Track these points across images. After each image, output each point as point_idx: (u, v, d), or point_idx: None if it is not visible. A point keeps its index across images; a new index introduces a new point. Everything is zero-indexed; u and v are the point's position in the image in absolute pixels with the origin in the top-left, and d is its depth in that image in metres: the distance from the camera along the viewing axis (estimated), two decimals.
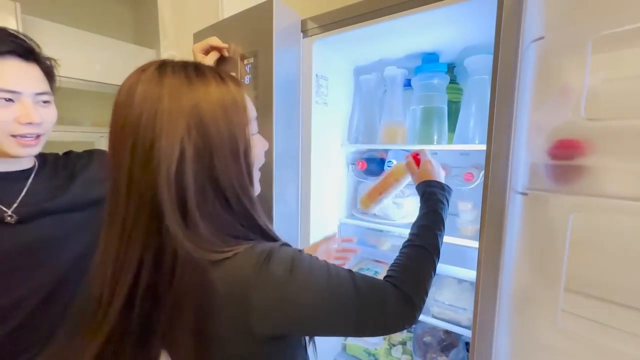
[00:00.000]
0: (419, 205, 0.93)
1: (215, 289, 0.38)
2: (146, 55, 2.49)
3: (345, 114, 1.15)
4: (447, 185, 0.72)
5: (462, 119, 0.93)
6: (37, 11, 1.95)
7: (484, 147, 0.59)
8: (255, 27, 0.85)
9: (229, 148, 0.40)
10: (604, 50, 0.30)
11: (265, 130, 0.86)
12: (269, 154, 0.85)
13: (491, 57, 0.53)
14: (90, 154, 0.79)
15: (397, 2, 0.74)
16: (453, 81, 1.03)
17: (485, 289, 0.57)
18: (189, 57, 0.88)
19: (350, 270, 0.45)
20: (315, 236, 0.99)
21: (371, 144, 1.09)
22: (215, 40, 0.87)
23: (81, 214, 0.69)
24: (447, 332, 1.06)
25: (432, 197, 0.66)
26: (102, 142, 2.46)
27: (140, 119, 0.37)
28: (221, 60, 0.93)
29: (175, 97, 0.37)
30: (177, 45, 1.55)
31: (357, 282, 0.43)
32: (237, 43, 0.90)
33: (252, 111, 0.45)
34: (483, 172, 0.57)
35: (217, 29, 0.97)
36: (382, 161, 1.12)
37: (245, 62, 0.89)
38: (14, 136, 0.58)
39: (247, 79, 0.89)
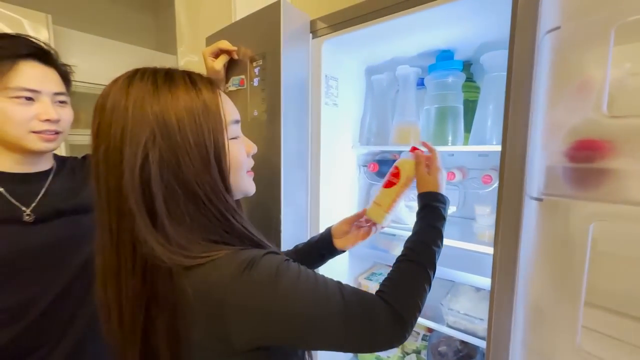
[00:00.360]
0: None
1: (187, 295, 0.37)
2: (167, 61, 2.57)
3: (357, 114, 1.13)
4: (448, 199, 0.67)
5: (478, 118, 0.88)
6: (66, 22, 2.06)
7: (500, 148, 0.55)
8: (263, 29, 0.85)
9: (198, 153, 0.40)
10: (629, 39, 0.27)
11: (274, 131, 0.85)
12: (276, 155, 0.85)
13: (507, 52, 0.50)
14: None
15: None
16: (469, 79, 0.98)
17: (500, 299, 0.53)
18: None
19: (340, 283, 0.44)
20: None
21: (383, 146, 1.06)
22: (224, 44, 0.88)
23: (94, 215, 0.72)
24: (463, 342, 1.01)
25: (435, 212, 0.62)
26: None
27: (110, 128, 0.39)
28: (231, 63, 0.94)
29: (139, 106, 0.39)
30: (193, 50, 1.59)
31: (346, 296, 0.42)
32: (247, 45, 0.91)
33: (231, 115, 0.45)
34: None
35: (228, 32, 0.98)
36: (394, 162, 1.09)
37: (255, 64, 0.89)
38: (34, 132, 0.61)
39: (256, 81, 0.89)
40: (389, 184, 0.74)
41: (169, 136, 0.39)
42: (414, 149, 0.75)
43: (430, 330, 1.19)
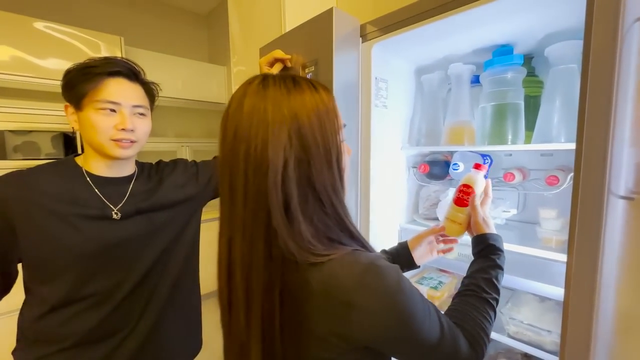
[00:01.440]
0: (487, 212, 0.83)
1: (313, 289, 0.40)
2: (218, 72, 2.77)
3: (406, 115, 1.12)
4: (501, 237, 0.67)
5: (543, 115, 0.82)
6: (135, 42, 2.32)
7: (572, 146, 0.51)
8: (315, 37, 0.89)
9: (324, 155, 0.43)
10: None
11: None
12: None
13: (579, 42, 0.46)
14: (175, 163, 0.91)
15: None
16: (531, 73, 0.92)
17: (576, 311, 0.49)
18: (256, 71, 0.96)
19: (437, 309, 0.47)
20: (373, 242, 0.97)
21: (434, 146, 1.04)
22: (278, 53, 0.93)
23: (167, 212, 0.81)
24: (526, 355, 0.94)
25: (496, 259, 0.63)
26: (182, 151, 2.80)
27: (250, 129, 0.41)
28: (285, 70, 0.99)
29: (277, 108, 0.41)
30: (244, 60, 1.69)
31: (444, 326, 0.45)
32: (299, 53, 0.95)
33: (341, 119, 0.48)
34: (571, 174, 0.50)
35: (281, 42, 1.03)
36: (446, 164, 1.05)
37: (307, 70, 0.92)
38: (113, 140, 0.70)
39: None
40: (461, 202, 0.74)
41: (301, 137, 0.41)
42: (477, 165, 0.75)
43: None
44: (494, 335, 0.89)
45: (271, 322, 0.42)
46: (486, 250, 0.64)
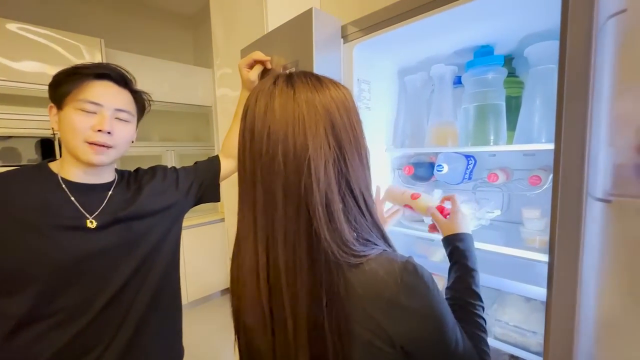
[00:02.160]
0: (472, 212, 0.85)
1: (356, 291, 0.39)
2: (204, 74, 2.73)
3: (390, 117, 1.11)
4: (470, 236, 0.68)
5: (524, 115, 0.82)
6: (117, 44, 2.26)
7: (551, 146, 0.51)
8: (295, 37, 0.87)
9: (356, 151, 0.42)
10: None
11: None
12: None
13: (557, 43, 0.46)
14: (154, 170, 0.87)
15: None
16: (512, 74, 0.92)
17: (558, 312, 0.48)
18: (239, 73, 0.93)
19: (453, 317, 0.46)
20: None
21: (418, 147, 1.03)
22: (258, 55, 0.91)
23: (146, 221, 0.77)
24: (513, 357, 0.94)
25: (466, 254, 0.63)
26: (168, 155, 2.74)
27: (287, 128, 0.39)
28: (265, 72, 0.97)
29: (311, 105, 0.40)
30: (228, 62, 1.66)
31: (458, 335, 0.45)
32: (280, 54, 0.93)
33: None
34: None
35: (261, 43, 1.01)
36: (431, 165, 1.05)
37: (287, 72, 0.91)
38: (88, 143, 0.66)
39: None
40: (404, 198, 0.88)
41: (336, 134, 0.40)
42: (440, 208, 0.78)
43: None
44: None
45: (319, 330, 0.40)
46: (455, 255, 0.65)
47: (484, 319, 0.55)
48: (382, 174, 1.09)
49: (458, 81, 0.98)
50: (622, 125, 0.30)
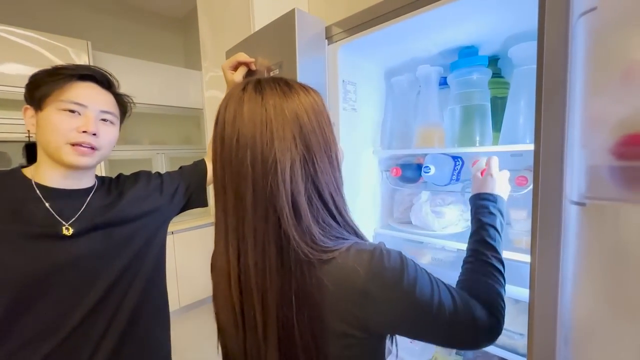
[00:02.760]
0: (460, 214, 0.85)
1: (328, 287, 0.40)
2: (195, 77, 2.70)
3: (377, 118, 1.10)
4: (499, 197, 0.67)
5: (509, 115, 0.82)
6: (104, 47, 2.23)
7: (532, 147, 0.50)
8: (279, 38, 0.86)
9: (325, 152, 0.44)
10: None
11: None
12: None
13: None
14: (137, 176, 0.84)
15: None
16: (497, 75, 0.92)
17: (541, 313, 0.47)
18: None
19: (447, 284, 0.47)
20: None
21: (406, 149, 1.02)
22: (242, 56, 0.89)
23: (128, 227, 0.74)
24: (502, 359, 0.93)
25: (484, 209, 0.64)
26: (158, 158, 2.71)
27: (255, 132, 0.41)
28: (249, 74, 0.95)
29: (279, 109, 0.42)
30: (216, 65, 1.65)
31: (456, 299, 0.45)
32: (264, 55, 0.92)
33: (331, 116, 0.49)
34: None
35: (246, 44, 1.00)
36: (418, 166, 1.04)
37: (271, 74, 0.89)
38: (71, 145, 0.64)
39: None
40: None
41: (303, 136, 0.42)
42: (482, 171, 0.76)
43: None
44: None
45: (289, 329, 0.41)
46: (474, 212, 0.66)
47: (498, 268, 0.56)
48: (370, 175, 1.08)
49: (444, 82, 0.97)
50: (596, 127, 0.29)
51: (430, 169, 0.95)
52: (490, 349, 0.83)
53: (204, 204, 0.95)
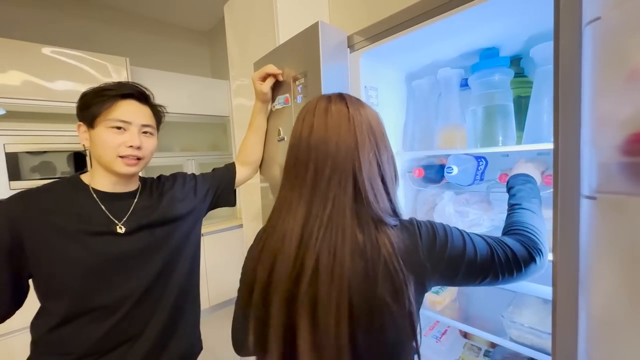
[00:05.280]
0: (484, 213, 0.85)
1: (393, 242, 0.50)
2: (221, 86, 2.84)
3: (399, 121, 1.13)
4: (531, 176, 0.78)
5: (532, 114, 0.82)
6: (141, 62, 2.41)
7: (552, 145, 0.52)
8: (304, 50, 0.91)
9: (386, 151, 0.55)
10: None
11: None
12: None
13: None
14: (174, 177, 0.94)
15: (445, 1, 0.71)
16: (520, 74, 0.92)
17: (563, 310, 0.49)
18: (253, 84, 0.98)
19: (477, 234, 0.57)
20: None
21: (428, 150, 1.04)
22: (270, 68, 0.95)
23: (167, 227, 0.83)
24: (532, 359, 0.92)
25: (517, 179, 0.76)
26: (188, 164, 2.86)
27: (341, 123, 0.52)
28: (276, 83, 1.02)
29: (358, 113, 0.53)
30: (242, 74, 1.74)
31: (489, 242, 0.55)
32: (289, 66, 0.98)
33: None
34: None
35: (272, 56, 1.06)
36: (441, 167, 1.06)
37: (297, 83, 0.95)
38: (120, 157, 0.74)
39: (299, 98, 0.95)
40: None
41: (373, 132, 0.53)
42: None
43: (493, 345, 1.10)
44: (496, 339, 0.88)
45: (364, 277, 0.48)
46: (509, 186, 0.77)
47: (530, 233, 0.62)
48: None
49: (465, 83, 0.99)
50: (604, 126, 0.31)
51: (452, 169, 0.97)
52: (519, 348, 0.82)
53: (232, 203, 1.04)
